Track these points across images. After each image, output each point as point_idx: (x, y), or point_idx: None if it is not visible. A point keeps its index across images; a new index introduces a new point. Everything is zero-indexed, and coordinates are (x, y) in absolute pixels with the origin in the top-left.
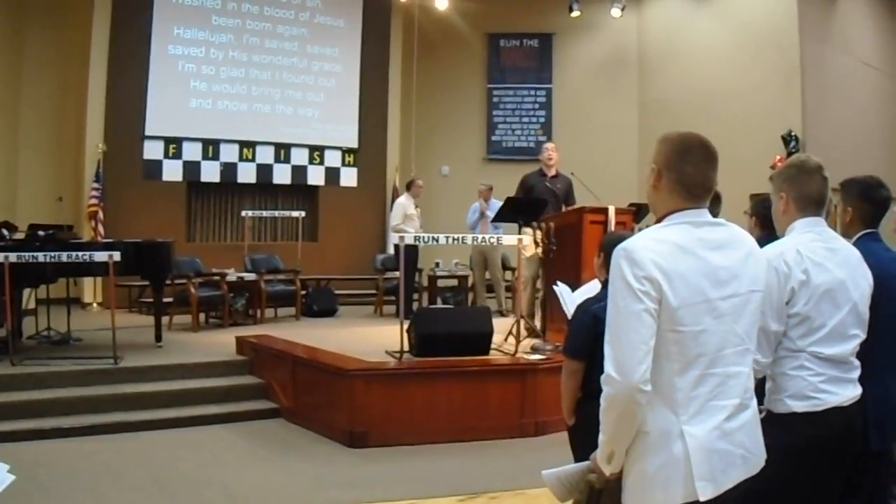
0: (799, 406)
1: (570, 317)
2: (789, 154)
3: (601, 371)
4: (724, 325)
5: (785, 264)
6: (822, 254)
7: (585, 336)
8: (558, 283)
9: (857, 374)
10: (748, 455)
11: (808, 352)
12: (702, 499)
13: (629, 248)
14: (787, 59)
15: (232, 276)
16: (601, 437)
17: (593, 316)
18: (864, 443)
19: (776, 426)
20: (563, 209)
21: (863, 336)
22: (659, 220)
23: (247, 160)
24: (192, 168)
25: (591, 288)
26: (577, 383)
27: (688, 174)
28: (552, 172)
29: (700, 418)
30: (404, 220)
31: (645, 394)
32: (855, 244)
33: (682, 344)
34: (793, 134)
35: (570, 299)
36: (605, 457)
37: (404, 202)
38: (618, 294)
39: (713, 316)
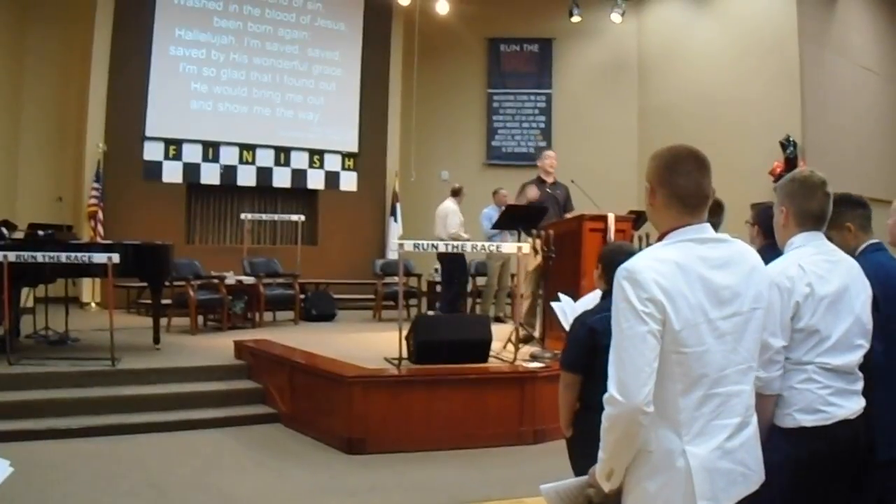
0: (808, 420)
1: (567, 328)
2: (787, 159)
3: (598, 383)
4: (727, 344)
5: (788, 280)
6: (823, 266)
7: (582, 349)
8: (560, 296)
9: (860, 385)
10: (749, 472)
11: (815, 363)
12: None
13: (632, 269)
14: (786, 64)
15: (231, 279)
16: (601, 455)
17: (590, 329)
18: (870, 453)
19: (784, 441)
20: (564, 216)
21: (867, 346)
22: (660, 238)
23: (247, 163)
24: (191, 170)
25: (591, 299)
26: (574, 395)
27: (680, 186)
28: (551, 179)
29: (702, 438)
30: (459, 226)
31: (647, 415)
32: (861, 256)
33: (686, 365)
34: (791, 139)
35: (570, 311)
36: (604, 474)
37: (456, 208)
38: (621, 316)
39: (715, 336)
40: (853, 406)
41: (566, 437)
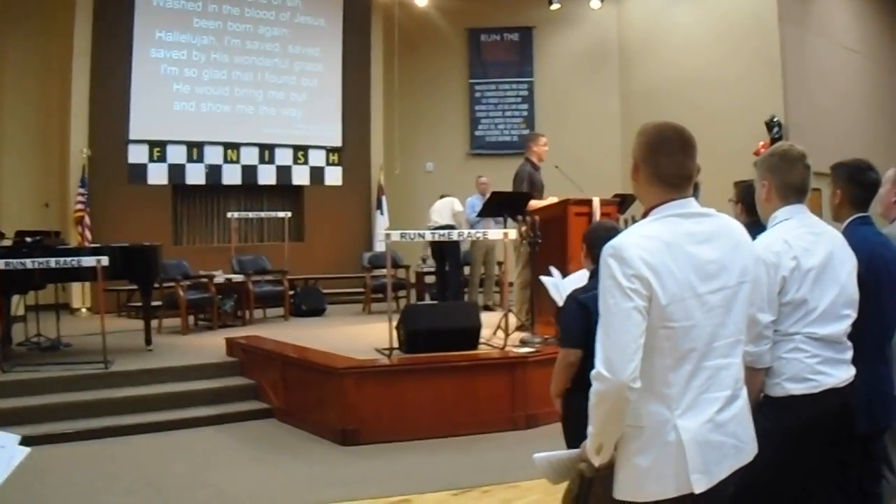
0: (797, 388)
1: (559, 304)
2: (773, 140)
3: (590, 362)
4: (715, 318)
5: (774, 255)
6: (808, 239)
7: (580, 325)
8: (551, 269)
9: (849, 355)
10: (740, 445)
11: (802, 333)
12: (696, 491)
13: (617, 246)
14: (767, 46)
15: (220, 277)
16: (590, 430)
17: (582, 305)
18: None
19: (774, 409)
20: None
21: (854, 315)
22: (646, 214)
23: (231, 162)
24: (176, 171)
25: (579, 277)
26: (571, 374)
27: (663, 166)
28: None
29: (693, 412)
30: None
31: (634, 391)
32: (846, 228)
33: (674, 339)
34: (776, 119)
35: (562, 286)
36: (594, 449)
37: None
38: (607, 292)
39: (703, 310)
40: (842, 374)
41: (554, 404)
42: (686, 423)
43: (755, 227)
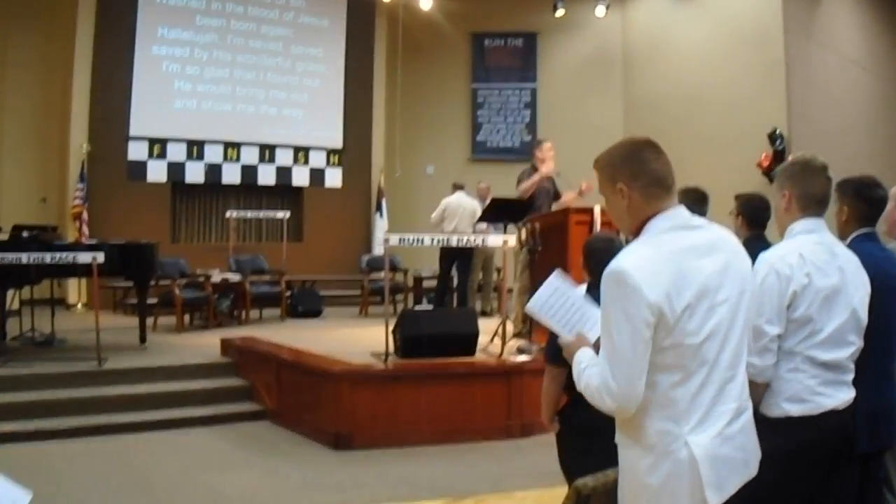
0: (795, 410)
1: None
2: (776, 152)
3: None
4: (721, 331)
5: (787, 267)
6: (823, 258)
7: None
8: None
9: (851, 376)
10: (748, 458)
11: (804, 355)
12: None
13: (620, 272)
14: (771, 57)
15: (216, 277)
16: (577, 369)
17: None
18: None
19: (771, 430)
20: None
21: (859, 344)
22: (639, 230)
23: (231, 161)
24: (176, 169)
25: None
26: (559, 388)
27: (656, 170)
28: None
29: (703, 426)
30: None
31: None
32: (851, 244)
33: (684, 356)
34: (779, 132)
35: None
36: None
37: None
38: (611, 321)
39: (711, 324)
40: (843, 396)
41: (548, 429)
42: (696, 437)
43: (756, 241)
